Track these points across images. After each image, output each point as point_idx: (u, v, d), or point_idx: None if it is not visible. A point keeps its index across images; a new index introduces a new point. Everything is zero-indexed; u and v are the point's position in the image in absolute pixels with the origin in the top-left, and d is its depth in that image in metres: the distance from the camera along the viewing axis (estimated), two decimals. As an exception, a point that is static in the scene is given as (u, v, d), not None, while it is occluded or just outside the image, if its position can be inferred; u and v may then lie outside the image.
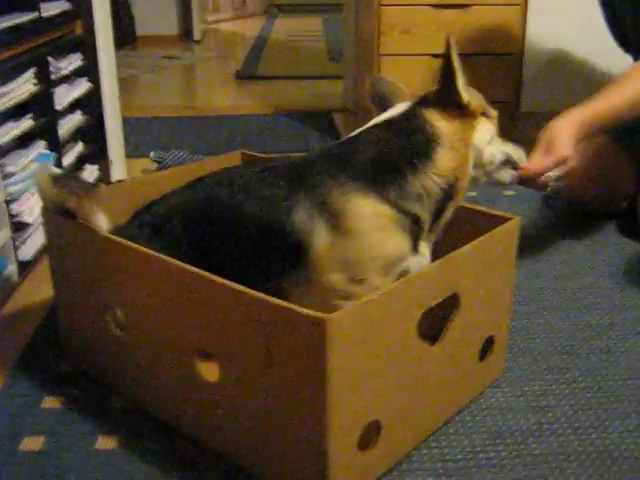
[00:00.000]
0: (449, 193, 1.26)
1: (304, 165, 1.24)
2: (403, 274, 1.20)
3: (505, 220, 1.31)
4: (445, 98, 1.27)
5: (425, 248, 1.26)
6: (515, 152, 1.38)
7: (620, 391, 1.39)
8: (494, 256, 1.28)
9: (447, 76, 1.25)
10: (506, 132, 1.40)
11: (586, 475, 1.18)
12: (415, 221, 1.21)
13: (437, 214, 1.26)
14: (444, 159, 1.24)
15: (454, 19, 2.64)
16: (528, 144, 1.49)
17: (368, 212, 1.17)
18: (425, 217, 1.23)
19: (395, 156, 1.22)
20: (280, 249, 1.17)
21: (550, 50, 2.84)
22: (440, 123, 1.26)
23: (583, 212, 2.23)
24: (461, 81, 1.26)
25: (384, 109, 1.34)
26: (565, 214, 2.26)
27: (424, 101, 1.29)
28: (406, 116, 1.27)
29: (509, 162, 1.37)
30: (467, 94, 1.27)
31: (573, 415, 1.33)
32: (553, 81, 2.88)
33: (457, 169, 1.26)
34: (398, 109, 1.30)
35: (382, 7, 2.62)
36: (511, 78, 2.73)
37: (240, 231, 1.21)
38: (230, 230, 1.22)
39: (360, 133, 1.29)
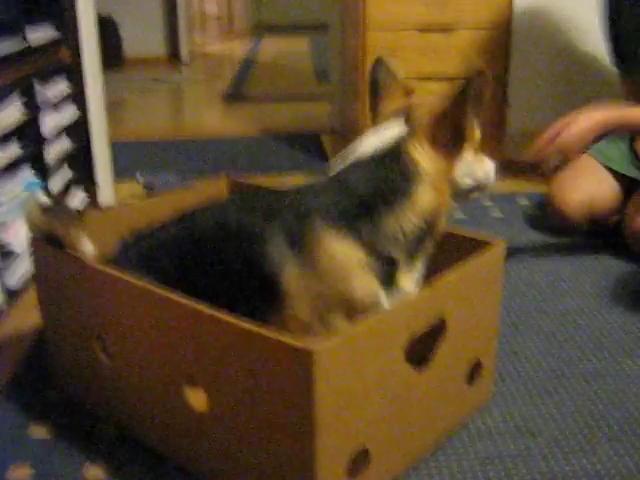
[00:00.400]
0: (428, 230, 1.24)
1: (282, 201, 1.23)
2: None
3: (491, 245, 1.32)
4: (443, 129, 1.24)
5: (407, 281, 1.24)
6: (485, 176, 1.34)
7: (609, 414, 1.40)
8: (480, 281, 1.28)
9: (458, 108, 1.21)
10: (492, 152, 1.40)
11: (575, 499, 1.18)
12: (389, 262, 1.20)
13: (416, 250, 1.24)
14: (424, 198, 1.22)
15: (439, 42, 2.66)
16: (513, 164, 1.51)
17: (337, 254, 1.16)
18: (400, 257, 1.21)
19: (373, 196, 1.20)
20: (257, 283, 1.18)
21: (535, 70, 2.86)
22: (424, 160, 1.23)
23: (569, 231, 2.24)
24: (475, 121, 1.24)
25: (376, 96, 1.34)
26: (551, 234, 2.27)
27: (412, 128, 1.25)
28: (389, 153, 1.23)
29: (479, 187, 1.34)
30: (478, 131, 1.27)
31: (562, 439, 1.33)
32: (538, 101, 2.90)
33: (436, 206, 1.24)
34: (383, 138, 1.26)
35: (367, 30, 2.63)
36: (496, 98, 2.75)
37: (223, 267, 1.22)
38: (214, 266, 1.23)
39: (342, 170, 1.26)
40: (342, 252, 1.16)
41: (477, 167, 1.31)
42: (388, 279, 1.20)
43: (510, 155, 2.91)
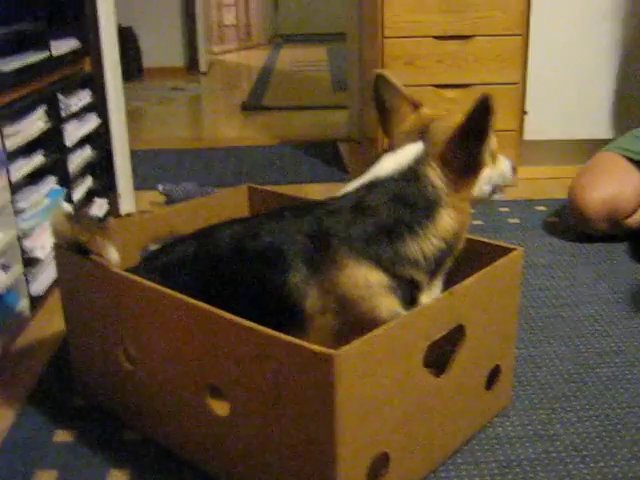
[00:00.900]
0: (448, 250, 1.25)
1: (303, 224, 1.24)
2: None
3: (509, 251, 1.33)
4: (456, 156, 1.24)
5: (428, 298, 1.25)
6: (502, 178, 1.35)
7: (627, 418, 1.40)
8: (498, 287, 1.29)
9: (467, 139, 1.22)
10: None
11: (594, 504, 1.19)
12: (410, 284, 1.21)
13: (437, 270, 1.25)
14: (445, 220, 1.23)
15: (456, 50, 2.67)
16: (531, 171, 1.50)
17: (359, 279, 1.17)
18: (421, 278, 1.22)
19: (393, 220, 1.21)
20: (279, 307, 1.19)
21: (552, 79, 2.86)
22: (443, 184, 1.24)
23: (588, 236, 2.25)
24: (488, 148, 1.25)
25: (383, 113, 1.35)
26: (569, 240, 2.27)
27: (429, 151, 1.25)
28: (408, 175, 1.24)
29: (496, 189, 1.36)
30: (489, 157, 1.28)
31: (580, 443, 1.33)
32: (555, 109, 2.91)
33: (458, 227, 1.25)
34: (401, 160, 1.26)
35: (385, 39, 2.65)
36: (514, 107, 2.76)
37: (243, 289, 1.24)
38: (234, 288, 1.25)
39: (361, 191, 1.26)
40: (363, 277, 1.18)
41: (492, 173, 1.32)
42: (410, 299, 1.22)
43: (526, 162, 2.93)
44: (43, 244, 1.80)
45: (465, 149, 1.23)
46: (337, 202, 1.26)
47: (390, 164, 1.27)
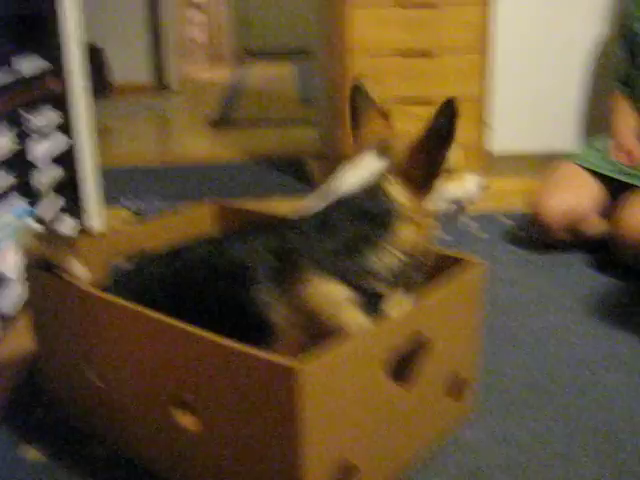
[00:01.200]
0: (410, 262, 1.27)
1: (269, 241, 1.26)
2: None
3: (473, 264, 1.36)
4: (416, 166, 1.25)
5: (393, 308, 1.27)
6: (466, 194, 1.37)
7: (589, 423, 1.44)
8: (462, 300, 1.32)
9: (428, 145, 1.24)
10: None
11: (556, 508, 1.22)
12: (374, 296, 1.23)
13: (400, 281, 1.27)
14: (404, 233, 1.25)
15: (420, 66, 2.72)
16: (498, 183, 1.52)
17: (324, 294, 1.20)
18: (384, 290, 1.25)
19: (354, 236, 1.23)
20: (247, 323, 1.22)
21: (516, 93, 2.92)
22: (402, 198, 1.25)
23: (552, 247, 2.29)
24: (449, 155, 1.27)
25: (355, 121, 1.37)
26: (534, 252, 2.32)
27: (388, 165, 1.27)
28: (368, 191, 1.26)
29: (461, 205, 1.38)
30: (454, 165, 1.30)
31: (542, 449, 1.37)
32: (521, 123, 2.97)
33: (417, 239, 1.27)
34: (362, 174, 1.28)
35: (351, 56, 2.69)
36: (476, 122, 2.81)
37: (212, 306, 1.26)
38: (204, 306, 1.27)
39: (324, 212, 1.27)
40: (328, 291, 1.20)
41: (456, 188, 1.34)
42: (375, 311, 1.24)
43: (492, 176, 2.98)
44: (12, 263, 1.80)
45: (427, 154, 1.25)
46: (301, 221, 1.29)
47: (352, 179, 1.29)
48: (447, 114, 1.21)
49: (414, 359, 1.25)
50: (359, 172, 1.30)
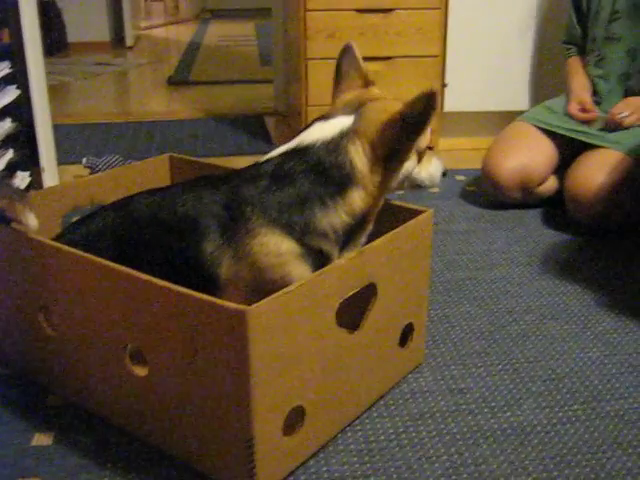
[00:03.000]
0: (358, 226, 1.29)
1: (219, 193, 1.26)
2: None
3: (420, 212, 1.38)
4: (385, 142, 1.25)
5: None
6: (428, 179, 1.39)
7: (534, 372, 1.48)
8: (409, 247, 1.35)
9: (401, 130, 1.24)
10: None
11: (500, 449, 1.26)
12: (320, 254, 1.24)
13: (346, 243, 1.28)
14: (355, 199, 1.26)
15: (377, 23, 2.71)
16: (451, 142, 1.54)
17: (272, 248, 1.21)
18: (331, 250, 1.26)
19: (307, 192, 1.23)
20: (195, 274, 1.21)
21: (469, 51, 2.93)
22: (362, 163, 1.26)
23: (503, 204, 2.33)
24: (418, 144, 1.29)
25: (338, 82, 1.37)
26: (486, 208, 2.35)
27: (358, 128, 1.26)
28: (330, 148, 1.26)
29: (419, 187, 1.40)
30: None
31: (489, 396, 1.41)
32: (474, 82, 2.98)
33: (367, 208, 1.28)
34: (329, 130, 1.28)
35: (308, 12, 2.68)
36: (434, 80, 2.82)
37: (161, 257, 1.26)
38: (152, 256, 1.27)
39: (281, 161, 1.27)
40: (275, 245, 1.21)
41: (420, 170, 1.36)
42: (319, 269, 1.24)
43: (447, 134, 3.00)
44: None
45: (397, 137, 1.25)
46: (256, 169, 1.29)
47: (317, 133, 1.29)
48: (425, 105, 1.21)
49: (364, 307, 1.28)
50: (326, 127, 1.29)
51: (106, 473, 1.20)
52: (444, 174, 1.43)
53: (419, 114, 1.22)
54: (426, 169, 1.38)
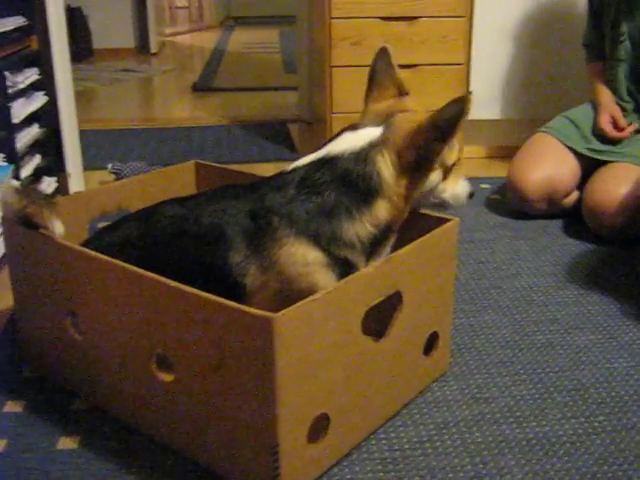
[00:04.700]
0: (384, 236, 1.29)
1: (245, 202, 1.27)
2: None
3: (446, 221, 1.38)
4: (412, 150, 1.25)
5: None
6: (453, 198, 1.38)
7: (559, 382, 1.47)
8: (435, 255, 1.35)
9: (430, 135, 1.23)
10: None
11: (525, 459, 1.25)
12: (346, 263, 1.24)
13: (372, 252, 1.28)
14: (380, 210, 1.26)
15: (402, 31, 2.71)
16: (475, 150, 1.53)
17: (299, 257, 1.21)
18: (357, 259, 1.26)
19: (334, 203, 1.23)
20: (220, 286, 1.20)
21: (494, 60, 2.93)
22: (389, 175, 1.25)
23: (527, 214, 2.32)
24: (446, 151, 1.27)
25: (371, 88, 1.36)
26: (510, 216, 2.34)
27: (386, 139, 1.26)
28: (358, 159, 1.26)
29: (443, 205, 1.39)
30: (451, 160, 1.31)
31: (514, 405, 1.40)
32: (498, 89, 2.98)
33: (393, 219, 1.28)
34: (357, 140, 1.28)
35: (332, 20, 2.68)
36: (459, 88, 2.81)
37: (185, 268, 1.26)
38: (176, 267, 1.26)
39: (308, 170, 1.28)
40: (302, 254, 1.21)
41: (446, 188, 1.35)
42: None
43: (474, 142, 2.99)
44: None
45: (425, 144, 1.24)
46: (283, 178, 1.29)
47: (346, 143, 1.29)
48: (456, 110, 1.21)
49: (389, 315, 1.28)
50: (355, 137, 1.29)
51: (131, 478, 1.21)
52: (471, 196, 1.42)
53: (449, 118, 1.21)
54: (452, 188, 1.37)
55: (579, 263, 2.01)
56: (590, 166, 2.27)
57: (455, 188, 1.38)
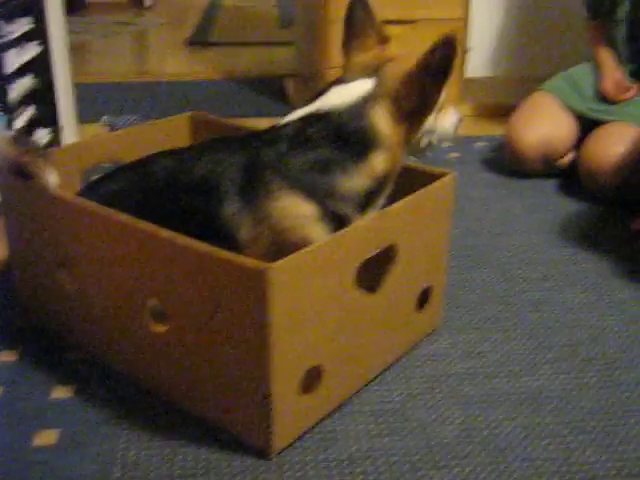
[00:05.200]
0: (379, 189, 1.28)
1: (238, 155, 1.25)
2: None
3: (441, 175, 1.38)
4: (409, 96, 1.24)
5: None
6: (444, 131, 1.36)
7: (551, 339, 1.48)
8: (430, 210, 1.34)
9: (425, 76, 1.21)
10: (452, 98, 1.40)
11: (515, 413, 1.27)
12: (340, 217, 1.23)
13: (366, 205, 1.27)
14: (378, 161, 1.25)
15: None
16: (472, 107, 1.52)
17: (292, 210, 1.20)
18: (350, 213, 1.24)
19: (329, 156, 1.22)
20: (212, 238, 1.18)
21: (493, 16, 2.90)
22: (385, 126, 1.24)
23: (523, 172, 2.31)
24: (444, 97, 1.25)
25: (349, 36, 1.32)
26: (506, 175, 2.34)
27: (379, 90, 1.24)
28: (352, 112, 1.24)
29: (437, 141, 1.37)
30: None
31: (506, 361, 1.41)
32: (496, 46, 2.95)
33: (390, 170, 1.27)
34: (349, 93, 1.26)
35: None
36: (459, 45, 2.79)
37: (178, 220, 1.23)
38: (169, 219, 1.23)
39: (301, 125, 1.26)
40: (295, 207, 1.20)
41: (438, 123, 1.33)
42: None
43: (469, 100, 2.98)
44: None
45: (422, 88, 1.23)
46: (276, 132, 1.28)
47: (337, 97, 1.27)
48: (446, 51, 1.18)
49: (383, 269, 1.28)
50: (346, 91, 1.27)
51: (125, 426, 1.22)
52: (461, 122, 1.40)
53: (440, 60, 1.19)
54: (442, 123, 1.34)
55: (573, 222, 2.01)
56: (587, 126, 2.25)
57: (445, 122, 1.35)
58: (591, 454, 1.18)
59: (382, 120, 1.24)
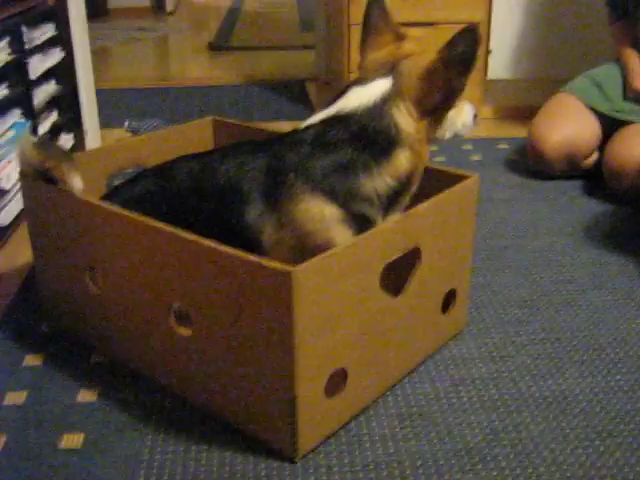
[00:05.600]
0: (402, 189, 1.27)
1: (261, 159, 1.25)
2: None
3: (465, 178, 1.37)
4: (430, 91, 1.23)
5: None
6: (463, 126, 1.34)
7: (576, 341, 1.47)
8: (454, 212, 1.34)
9: (446, 69, 1.20)
10: (474, 100, 1.39)
11: (542, 416, 1.25)
12: (364, 219, 1.23)
13: (390, 207, 1.27)
14: (401, 161, 1.24)
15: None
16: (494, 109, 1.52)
17: (315, 213, 1.20)
18: (374, 215, 1.24)
19: (351, 158, 1.21)
20: (236, 243, 1.17)
21: (515, 18, 2.89)
22: (407, 124, 1.23)
23: (547, 174, 2.30)
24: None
25: (366, 38, 1.31)
26: (529, 177, 2.32)
27: (398, 87, 1.24)
28: (373, 112, 1.23)
29: (455, 135, 1.35)
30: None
31: (531, 363, 1.40)
32: (518, 48, 2.94)
33: (413, 169, 1.26)
34: (369, 94, 1.25)
35: (351, -23, 2.65)
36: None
37: (201, 225, 1.24)
38: (192, 223, 1.23)
39: (322, 128, 1.25)
40: (318, 210, 1.20)
41: (455, 120, 1.31)
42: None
43: (490, 101, 2.96)
44: (9, 175, 1.81)
45: (446, 81, 1.21)
46: (297, 135, 1.27)
47: (357, 98, 1.26)
48: (469, 41, 1.17)
49: (407, 272, 1.27)
50: (366, 92, 1.26)
51: (149, 430, 1.22)
52: (477, 117, 1.38)
53: (464, 51, 1.18)
54: (460, 118, 1.32)
55: (598, 223, 1.99)
56: (611, 126, 2.24)
57: (462, 117, 1.33)
58: (620, 458, 1.16)
59: (403, 118, 1.24)
